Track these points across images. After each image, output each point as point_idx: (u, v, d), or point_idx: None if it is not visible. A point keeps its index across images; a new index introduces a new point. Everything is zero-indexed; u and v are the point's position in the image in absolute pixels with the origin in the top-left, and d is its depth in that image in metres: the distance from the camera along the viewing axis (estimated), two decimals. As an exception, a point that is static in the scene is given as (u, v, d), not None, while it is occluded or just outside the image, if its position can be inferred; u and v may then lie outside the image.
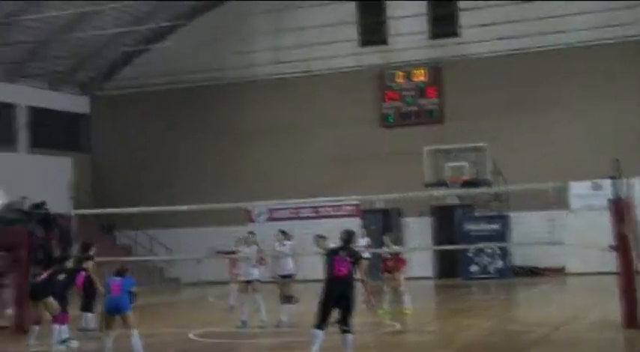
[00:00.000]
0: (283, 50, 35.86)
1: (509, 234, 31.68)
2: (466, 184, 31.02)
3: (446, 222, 33.51)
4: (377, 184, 32.04)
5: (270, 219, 35.29)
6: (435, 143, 32.38)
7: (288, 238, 18.66)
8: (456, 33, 34.77)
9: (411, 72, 35.09)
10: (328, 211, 35.20)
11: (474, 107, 33.54)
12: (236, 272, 19.86)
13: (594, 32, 32.09)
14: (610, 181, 16.34)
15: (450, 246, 31.05)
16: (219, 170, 36.83)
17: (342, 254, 12.40)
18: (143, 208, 26.06)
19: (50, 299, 15.94)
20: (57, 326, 15.87)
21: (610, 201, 16.10)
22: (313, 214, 35.25)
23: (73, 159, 38.52)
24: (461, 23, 34.53)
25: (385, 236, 21.73)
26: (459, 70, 34.26)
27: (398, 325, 17.98)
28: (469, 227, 32.15)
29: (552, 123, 32.79)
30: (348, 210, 34.87)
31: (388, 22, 35.58)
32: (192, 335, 17.31)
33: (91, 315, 17.87)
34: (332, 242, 17.27)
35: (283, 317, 18.09)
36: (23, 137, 36.13)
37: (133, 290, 13.55)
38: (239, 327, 18.11)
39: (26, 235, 20.80)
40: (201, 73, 36.67)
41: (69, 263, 17.09)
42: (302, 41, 35.20)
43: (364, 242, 23.36)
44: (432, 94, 34.77)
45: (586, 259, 30.04)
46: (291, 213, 35.43)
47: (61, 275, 16.42)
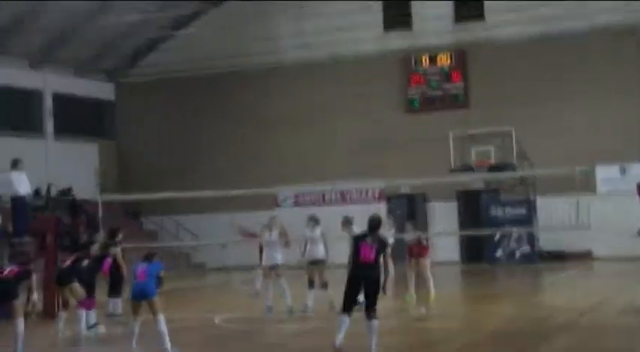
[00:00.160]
0: (307, 35, 35.80)
1: (535, 219, 31.53)
2: (492, 169, 30.90)
3: (471, 207, 33.39)
4: (402, 169, 31.99)
5: (295, 204, 35.35)
6: (461, 128, 32.21)
7: (318, 223, 18.55)
8: (482, 16, 34.54)
9: (436, 56, 34.93)
10: (354, 196, 35.19)
11: (500, 91, 33.35)
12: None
13: (622, 16, 31.80)
14: (638, 165, 16.20)
15: (476, 231, 30.95)
16: (243, 156, 36.86)
17: (369, 240, 12.38)
18: (169, 194, 26.13)
19: (75, 284, 16.04)
20: (83, 311, 16.00)
21: (638, 185, 15.97)
22: (339, 199, 35.24)
23: (99, 145, 38.73)
24: (486, 7, 34.30)
25: (408, 223, 21.74)
26: (484, 54, 34.05)
27: (423, 310, 17.96)
28: (495, 211, 32.03)
29: (579, 107, 32.53)
30: (374, 196, 34.87)
31: (413, 6, 35.41)
32: (217, 320, 17.39)
33: (119, 301, 17.98)
34: (357, 227, 17.35)
35: (309, 302, 18.10)
36: (49, 124, 36.32)
37: (161, 275, 13.57)
38: (265, 313, 18.15)
39: (53, 221, 21.00)
40: (224, 60, 36.68)
41: (93, 248, 17.20)
42: (326, 26, 35.15)
43: (391, 233, 23.30)
44: (457, 78, 34.61)
45: (613, 244, 29.90)
46: (316, 199, 35.43)
47: (85, 261, 16.51)
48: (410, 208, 34.26)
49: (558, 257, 31.93)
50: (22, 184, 20.42)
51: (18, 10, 31.77)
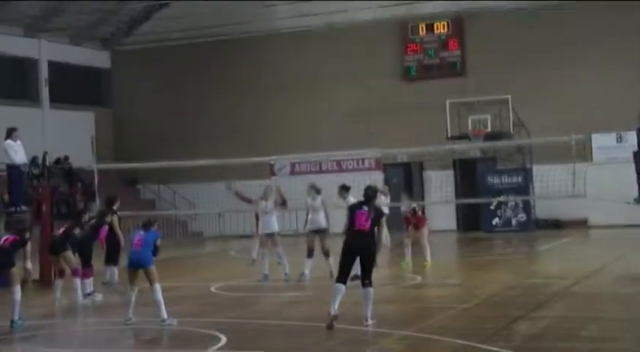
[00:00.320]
0: (304, 3, 35.59)
1: (531, 187, 31.54)
2: (488, 137, 30.91)
3: (468, 175, 33.39)
4: (399, 138, 31.89)
5: (292, 173, 35.32)
6: (457, 96, 32.15)
7: (319, 192, 18.51)
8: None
9: (433, 24, 34.77)
10: (350, 165, 35.15)
11: (497, 60, 33.21)
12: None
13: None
14: (635, 133, 16.16)
15: (472, 200, 30.97)
16: (240, 124, 36.75)
17: (365, 209, 12.38)
18: (165, 162, 26.11)
19: (68, 253, 16.07)
20: (77, 280, 16.02)
21: (634, 153, 15.95)
22: (335, 168, 35.20)
23: (95, 113, 38.62)
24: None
25: (403, 194, 21.95)
26: (482, 22, 33.89)
27: (419, 278, 18.02)
28: (491, 180, 32.03)
29: (576, 75, 32.43)
30: (370, 164, 34.84)
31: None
32: (214, 288, 17.43)
33: (115, 269, 17.99)
34: (353, 196, 17.38)
35: (306, 270, 18.14)
36: (45, 92, 36.18)
37: (158, 243, 13.55)
38: (260, 281, 18.19)
39: (49, 190, 21.00)
40: (221, 27, 36.51)
41: (86, 216, 17.17)
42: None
43: (387, 200, 23.33)
44: (454, 46, 34.49)
45: (609, 212, 29.94)
46: (312, 167, 35.39)
47: (77, 229, 16.50)
48: (406, 177, 34.30)
49: (554, 225, 32.03)
50: (18, 153, 20.40)
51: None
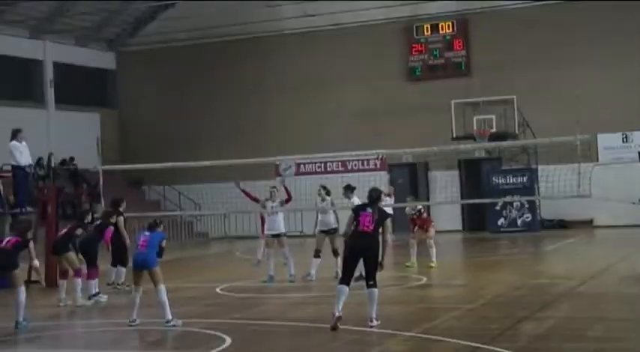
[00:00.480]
0: (310, 3, 35.59)
1: (536, 187, 31.49)
2: (493, 137, 30.87)
3: (473, 176, 33.36)
4: (404, 138, 31.83)
5: (297, 174, 35.26)
6: (462, 96, 32.14)
7: (328, 193, 18.59)
8: (483, -16, 34.32)
9: (438, 24, 34.75)
10: (355, 165, 35.14)
11: (502, 60, 33.19)
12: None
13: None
14: None
15: (478, 200, 30.91)
16: (245, 124, 36.78)
17: (369, 210, 12.36)
18: (170, 163, 26.07)
19: (70, 253, 16.09)
20: (79, 280, 16.01)
21: None
22: (340, 168, 35.18)
23: (101, 114, 38.66)
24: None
25: (408, 197, 22.09)
26: (486, 22, 33.88)
27: (424, 279, 18.01)
28: (497, 180, 31.99)
29: (581, 75, 32.36)
30: (376, 164, 34.82)
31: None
32: (219, 289, 17.43)
33: (123, 270, 18.00)
34: (357, 198, 17.39)
35: (313, 270, 18.17)
36: (50, 93, 36.24)
37: (163, 244, 13.54)
38: (265, 282, 18.20)
39: (55, 191, 21.04)
40: (226, 27, 36.52)
41: (89, 217, 17.18)
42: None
43: (391, 201, 23.34)
44: (459, 47, 34.47)
45: (614, 212, 29.89)
46: (318, 168, 35.38)
47: (79, 230, 16.50)
48: (412, 177, 34.28)
49: (560, 225, 31.99)
50: (23, 154, 20.41)
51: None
